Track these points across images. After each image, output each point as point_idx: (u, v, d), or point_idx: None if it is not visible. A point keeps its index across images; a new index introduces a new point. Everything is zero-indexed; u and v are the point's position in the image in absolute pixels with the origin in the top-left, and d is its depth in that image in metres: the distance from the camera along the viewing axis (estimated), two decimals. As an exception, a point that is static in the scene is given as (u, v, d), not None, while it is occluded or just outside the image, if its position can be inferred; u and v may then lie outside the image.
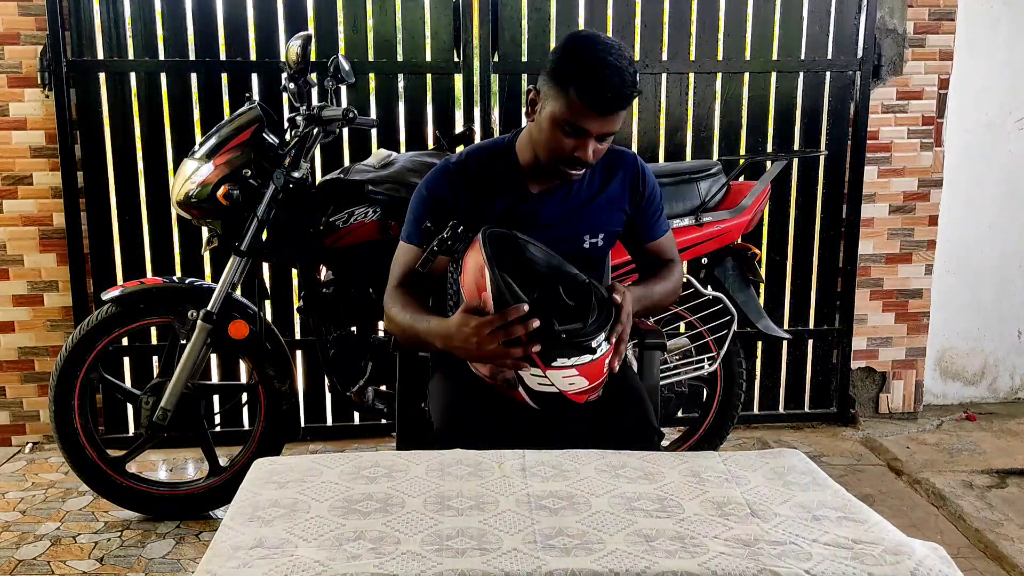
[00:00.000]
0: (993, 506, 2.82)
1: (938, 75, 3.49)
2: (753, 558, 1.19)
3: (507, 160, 1.88)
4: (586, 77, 1.65)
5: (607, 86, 1.65)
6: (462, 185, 1.85)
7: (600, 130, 1.70)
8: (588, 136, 1.70)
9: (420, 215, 1.87)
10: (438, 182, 1.87)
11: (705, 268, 2.87)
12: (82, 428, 2.68)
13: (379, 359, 2.69)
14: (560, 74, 1.69)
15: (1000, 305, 3.82)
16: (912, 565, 1.18)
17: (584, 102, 1.66)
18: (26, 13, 3.10)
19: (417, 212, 1.88)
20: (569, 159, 1.73)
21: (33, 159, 3.19)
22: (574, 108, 1.67)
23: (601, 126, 1.70)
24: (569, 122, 1.69)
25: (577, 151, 1.72)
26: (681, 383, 2.85)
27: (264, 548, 1.22)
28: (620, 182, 1.91)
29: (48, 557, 2.53)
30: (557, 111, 1.70)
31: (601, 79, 1.65)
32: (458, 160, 1.89)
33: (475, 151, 1.92)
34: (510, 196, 1.86)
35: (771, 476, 1.49)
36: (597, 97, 1.65)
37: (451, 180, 1.85)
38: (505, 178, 1.86)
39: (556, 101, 1.70)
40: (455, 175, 1.86)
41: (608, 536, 1.25)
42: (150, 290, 2.63)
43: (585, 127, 1.69)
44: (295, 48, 2.48)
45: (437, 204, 1.85)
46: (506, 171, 1.87)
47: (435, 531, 1.27)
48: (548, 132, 1.73)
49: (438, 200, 1.85)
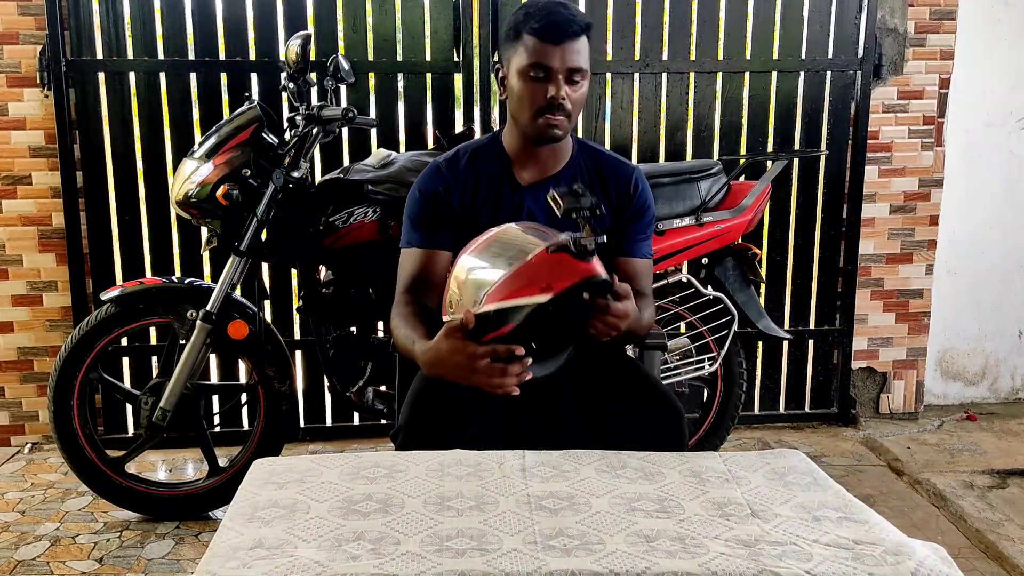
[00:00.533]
0: (994, 506, 2.81)
1: (939, 75, 3.49)
2: (753, 559, 1.19)
3: (495, 152, 1.90)
4: (534, 16, 1.74)
5: (556, 15, 1.72)
6: (453, 181, 1.87)
7: (563, 63, 1.74)
8: (554, 72, 1.74)
9: (417, 217, 1.88)
10: (429, 182, 1.89)
11: (705, 268, 2.87)
12: (81, 428, 2.68)
13: (379, 359, 2.69)
14: (513, 28, 1.78)
15: (1001, 305, 3.82)
16: (913, 565, 1.18)
17: (539, 36, 1.73)
18: (25, 13, 3.10)
19: (413, 215, 1.89)
20: (547, 107, 1.76)
21: (32, 159, 3.19)
22: (532, 48, 1.74)
23: (564, 58, 1.74)
24: (532, 64, 1.74)
25: (549, 92, 1.74)
26: (682, 383, 2.85)
27: (263, 548, 1.22)
28: (611, 188, 1.91)
29: (47, 557, 2.53)
30: (520, 61, 1.76)
31: (548, 12, 1.73)
32: (446, 158, 1.91)
33: (463, 148, 1.94)
34: (499, 186, 1.88)
35: (771, 476, 1.49)
36: (548, 26, 1.72)
37: (442, 178, 1.88)
38: (494, 169, 1.89)
39: (516, 54, 1.77)
40: (445, 172, 1.88)
41: (608, 536, 1.25)
42: (149, 290, 2.62)
43: (548, 63, 1.73)
44: (295, 48, 2.48)
45: (431, 203, 1.87)
46: (494, 163, 1.89)
47: (435, 531, 1.26)
48: (519, 89, 1.78)
49: (431, 199, 1.87)
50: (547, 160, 1.88)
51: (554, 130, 1.79)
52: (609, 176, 1.91)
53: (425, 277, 1.85)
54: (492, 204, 1.87)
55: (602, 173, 1.91)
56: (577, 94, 1.78)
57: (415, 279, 1.86)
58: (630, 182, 1.91)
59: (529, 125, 1.80)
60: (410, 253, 1.88)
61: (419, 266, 1.86)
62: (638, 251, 1.94)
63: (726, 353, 2.85)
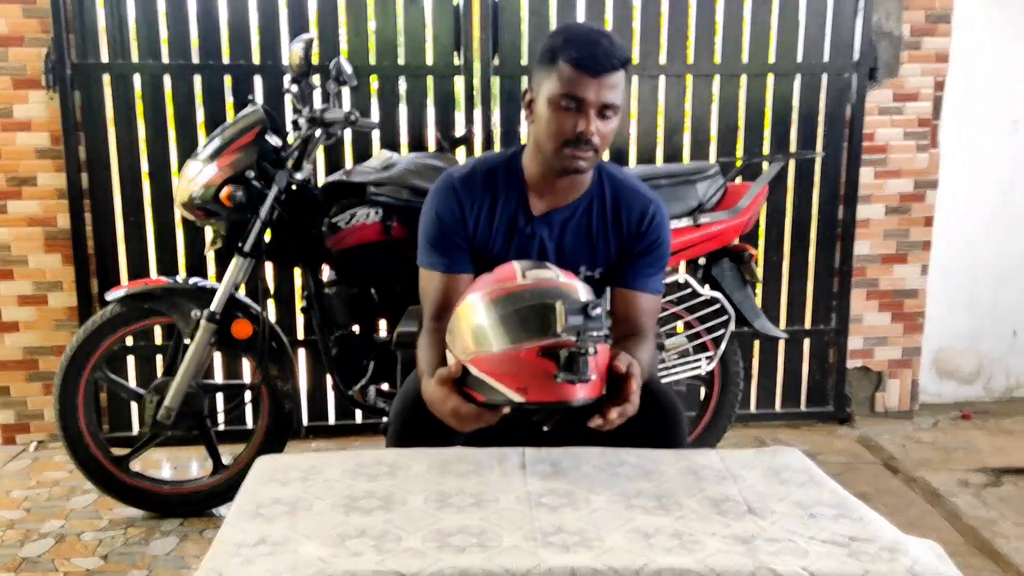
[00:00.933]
0: (988, 504, 2.84)
1: (934, 77, 3.50)
2: (750, 555, 1.20)
3: (512, 175, 1.83)
4: (573, 43, 1.65)
5: (596, 46, 1.64)
6: (468, 201, 1.81)
7: (598, 98, 1.65)
8: (587, 105, 1.65)
9: (434, 240, 1.82)
10: (444, 202, 1.81)
11: (703, 268, 2.88)
12: (86, 427, 2.69)
13: (381, 358, 2.71)
14: (549, 52, 1.68)
15: (995, 305, 3.84)
16: (909, 562, 1.19)
17: (576, 66, 1.64)
18: (30, 15, 3.11)
19: (431, 237, 1.83)
20: (573, 140, 1.67)
21: (38, 160, 3.20)
22: (566, 77, 1.65)
23: (598, 92, 1.65)
24: (564, 94, 1.65)
25: (579, 126, 1.66)
26: (679, 382, 2.86)
27: (267, 545, 1.23)
28: (624, 219, 1.83)
29: (52, 555, 2.55)
30: (552, 89, 1.67)
31: (588, 41, 1.65)
32: (462, 174, 1.83)
33: (479, 164, 1.86)
34: (514, 214, 1.81)
35: (768, 474, 1.49)
36: (587, 58, 1.63)
37: (456, 198, 1.81)
38: (510, 195, 1.82)
39: (549, 80, 1.68)
40: (460, 192, 1.81)
41: (607, 533, 1.26)
42: (154, 290, 2.64)
43: (581, 95, 1.65)
44: (297, 51, 2.49)
45: (448, 225, 1.81)
46: (511, 187, 1.82)
47: (436, 528, 1.28)
48: (547, 117, 1.69)
49: (448, 221, 1.81)
50: (565, 190, 1.81)
51: (579, 163, 1.71)
52: (624, 206, 1.83)
53: (449, 301, 1.76)
54: (506, 232, 1.82)
55: (618, 203, 1.83)
56: (607, 128, 1.70)
57: (441, 305, 1.80)
58: (645, 215, 1.83)
59: (553, 156, 1.71)
60: (432, 277, 1.83)
61: (443, 291, 1.80)
62: (643, 285, 1.85)
63: (723, 352, 2.87)
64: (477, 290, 1.56)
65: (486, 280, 1.57)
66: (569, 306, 1.39)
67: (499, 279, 1.55)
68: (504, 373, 1.45)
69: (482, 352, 1.48)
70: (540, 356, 1.41)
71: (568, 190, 1.81)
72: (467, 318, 1.53)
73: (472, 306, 1.53)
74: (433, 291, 1.83)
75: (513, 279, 1.53)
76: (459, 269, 1.82)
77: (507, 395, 1.45)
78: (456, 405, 1.51)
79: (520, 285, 1.50)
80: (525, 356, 1.42)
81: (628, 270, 1.84)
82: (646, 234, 1.83)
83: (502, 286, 1.52)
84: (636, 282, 1.84)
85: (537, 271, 1.54)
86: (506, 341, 1.45)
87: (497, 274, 1.57)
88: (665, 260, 1.87)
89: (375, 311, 2.72)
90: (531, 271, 1.54)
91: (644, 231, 1.83)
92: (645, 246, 1.83)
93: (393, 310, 2.67)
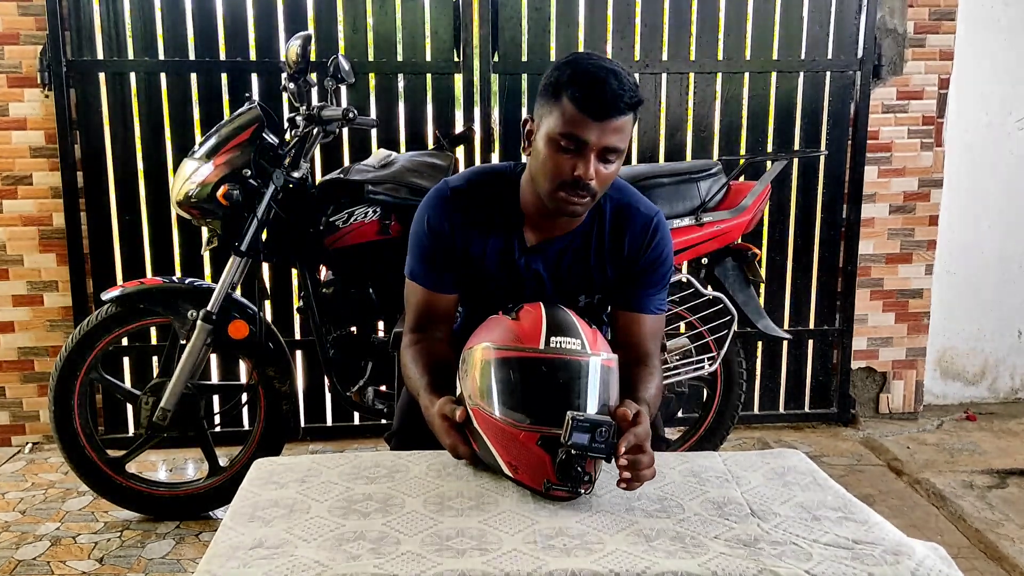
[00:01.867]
0: (993, 506, 2.82)
1: (938, 75, 3.49)
2: (753, 558, 1.19)
3: (510, 198, 1.73)
4: (580, 80, 1.52)
5: (603, 87, 1.51)
6: (461, 217, 1.72)
7: (600, 141, 1.53)
8: (587, 148, 1.53)
9: (423, 252, 1.75)
10: (436, 214, 1.73)
11: (705, 268, 2.87)
12: (82, 428, 2.68)
13: (379, 359, 2.70)
14: (553, 85, 1.56)
15: (1000, 305, 3.83)
16: (912, 565, 1.18)
17: (579, 107, 1.52)
18: (26, 13, 3.10)
19: (420, 248, 1.75)
20: (571, 182, 1.56)
21: (33, 159, 3.19)
22: (569, 116, 1.53)
23: (600, 136, 1.53)
24: (565, 134, 1.53)
25: (577, 169, 1.54)
26: (681, 383, 2.84)
27: (264, 548, 1.22)
28: (626, 238, 1.73)
29: (48, 557, 2.53)
30: (552, 126, 1.55)
31: (595, 81, 1.52)
32: (456, 186, 1.74)
33: (476, 178, 1.77)
34: (505, 241, 1.73)
35: (771, 476, 1.49)
36: (592, 99, 1.51)
37: (449, 213, 1.72)
38: (506, 220, 1.73)
39: (551, 116, 1.56)
40: (453, 207, 1.72)
41: (608, 536, 1.25)
42: (150, 290, 2.62)
43: (583, 136, 1.53)
44: (295, 48, 2.48)
45: (438, 239, 1.73)
46: (507, 212, 1.73)
47: (435, 531, 1.27)
48: (545, 154, 1.58)
49: (438, 235, 1.73)
50: (563, 223, 1.71)
51: (574, 207, 1.60)
52: (626, 226, 1.73)
53: (432, 315, 1.76)
54: (499, 259, 1.74)
55: (618, 225, 1.73)
56: (607, 172, 1.57)
57: (422, 318, 1.76)
58: (647, 229, 1.73)
59: (548, 196, 1.61)
60: (416, 289, 1.77)
61: (424, 305, 1.76)
62: (646, 306, 1.75)
63: (726, 353, 2.85)
64: (494, 335, 1.47)
65: (506, 328, 1.47)
66: (578, 423, 1.31)
67: (520, 335, 1.44)
68: (499, 442, 1.40)
69: (484, 409, 1.42)
70: (538, 445, 1.35)
71: (566, 224, 1.72)
72: (477, 364, 1.45)
73: (484, 353, 1.45)
74: (416, 303, 1.78)
75: (536, 342, 1.41)
76: (443, 289, 1.76)
77: (499, 462, 1.41)
78: (454, 444, 1.47)
79: (539, 354, 1.40)
80: (523, 439, 1.36)
81: (630, 291, 1.76)
82: (649, 248, 1.74)
83: (520, 348, 1.42)
84: (637, 303, 1.76)
85: (563, 339, 1.41)
86: (507, 412, 1.38)
87: (521, 325, 1.46)
88: (668, 278, 1.78)
89: (373, 311, 2.70)
90: (556, 337, 1.41)
91: (646, 248, 1.74)
92: (647, 264, 1.75)
93: (391, 310, 2.66)
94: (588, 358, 1.41)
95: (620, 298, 1.78)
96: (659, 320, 1.79)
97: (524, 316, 1.48)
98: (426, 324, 1.76)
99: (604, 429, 1.32)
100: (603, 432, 1.32)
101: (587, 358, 1.41)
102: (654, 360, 1.74)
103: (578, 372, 1.40)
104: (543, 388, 1.39)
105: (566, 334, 1.43)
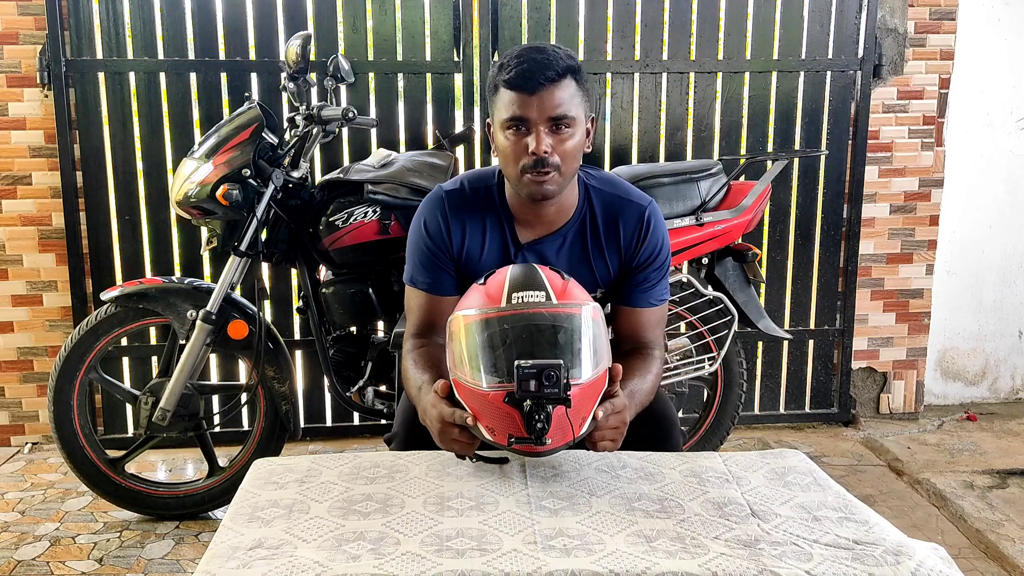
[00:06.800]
0: (994, 507, 2.81)
1: (939, 75, 3.49)
2: (754, 559, 1.19)
3: (497, 199, 1.77)
4: (507, 65, 1.61)
5: (528, 62, 1.59)
6: (455, 220, 1.76)
7: (542, 113, 1.59)
8: (531, 124, 1.60)
9: (421, 257, 1.77)
10: (433, 217, 1.76)
11: (706, 268, 2.87)
12: (81, 428, 2.67)
13: (379, 359, 2.69)
14: (491, 81, 1.66)
15: (1001, 305, 3.82)
16: (913, 566, 1.18)
17: (511, 87, 1.60)
18: (25, 13, 3.10)
19: (418, 253, 1.78)
20: (531, 163, 1.61)
21: (32, 159, 3.19)
22: (506, 100, 1.61)
23: (540, 108, 1.59)
24: (508, 118, 1.61)
25: (531, 147, 1.60)
26: (682, 383, 2.84)
27: (264, 549, 1.22)
28: (621, 233, 1.76)
29: (47, 557, 2.52)
30: (500, 116, 1.64)
31: (520, 60, 1.60)
32: (451, 191, 1.78)
33: (469, 183, 1.80)
34: (500, 240, 1.77)
35: (772, 476, 1.49)
36: (520, 75, 1.59)
37: (444, 216, 1.76)
38: (498, 220, 1.77)
39: (496, 109, 1.65)
40: (448, 210, 1.76)
41: (608, 536, 1.25)
42: (149, 290, 2.62)
43: (524, 114, 1.60)
44: (294, 48, 2.48)
45: (435, 244, 1.76)
46: (499, 213, 1.77)
47: (435, 532, 1.26)
48: (502, 146, 1.65)
49: (435, 240, 1.76)
50: (551, 218, 1.75)
51: (544, 187, 1.64)
52: (620, 218, 1.76)
53: (432, 320, 1.77)
54: (496, 256, 1.76)
55: (610, 218, 1.76)
56: (566, 145, 1.62)
57: (423, 323, 1.78)
58: (642, 220, 1.76)
59: (517, 183, 1.67)
60: (416, 295, 1.79)
61: (426, 310, 1.77)
62: (646, 300, 1.79)
63: (726, 353, 2.85)
64: (465, 303, 1.50)
65: (475, 294, 1.51)
66: (523, 371, 1.30)
67: (486, 297, 1.47)
68: (475, 407, 1.41)
69: (460, 377, 1.43)
70: (505, 402, 1.35)
71: (554, 217, 1.75)
72: (452, 335, 1.47)
73: (454, 324, 1.47)
74: (416, 308, 1.79)
75: (497, 300, 1.44)
76: (442, 291, 1.77)
77: (480, 427, 1.41)
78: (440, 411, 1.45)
79: (499, 312, 1.42)
80: (492, 399, 1.36)
81: (630, 286, 1.79)
82: (646, 239, 1.76)
83: (483, 310, 1.44)
84: (637, 298, 1.79)
85: (525, 293, 1.43)
86: (477, 374, 1.39)
87: (488, 287, 1.50)
88: (667, 266, 1.81)
89: (373, 311, 2.69)
90: (519, 293, 1.44)
91: (643, 238, 1.76)
92: (645, 256, 1.77)
93: (391, 310, 2.66)
94: (554, 309, 1.42)
95: (621, 294, 1.80)
96: (661, 310, 1.83)
97: (491, 280, 1.51)
98: (427, 329, 1.78)
99: (551, 371, 1.30)
100: (551, 374, 1.30)
101: (552, 309, 1.42)
102: (655, 349, 1.78)
103: (540, 324, 1.40)
104: (504, 345, 1.38)
105: (529, 288, 1.45)
